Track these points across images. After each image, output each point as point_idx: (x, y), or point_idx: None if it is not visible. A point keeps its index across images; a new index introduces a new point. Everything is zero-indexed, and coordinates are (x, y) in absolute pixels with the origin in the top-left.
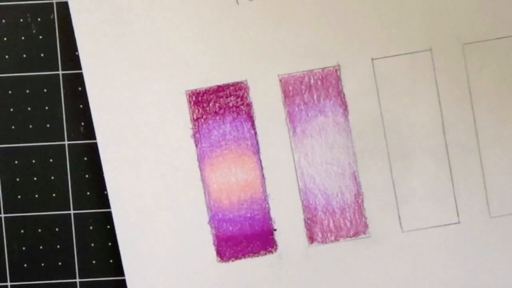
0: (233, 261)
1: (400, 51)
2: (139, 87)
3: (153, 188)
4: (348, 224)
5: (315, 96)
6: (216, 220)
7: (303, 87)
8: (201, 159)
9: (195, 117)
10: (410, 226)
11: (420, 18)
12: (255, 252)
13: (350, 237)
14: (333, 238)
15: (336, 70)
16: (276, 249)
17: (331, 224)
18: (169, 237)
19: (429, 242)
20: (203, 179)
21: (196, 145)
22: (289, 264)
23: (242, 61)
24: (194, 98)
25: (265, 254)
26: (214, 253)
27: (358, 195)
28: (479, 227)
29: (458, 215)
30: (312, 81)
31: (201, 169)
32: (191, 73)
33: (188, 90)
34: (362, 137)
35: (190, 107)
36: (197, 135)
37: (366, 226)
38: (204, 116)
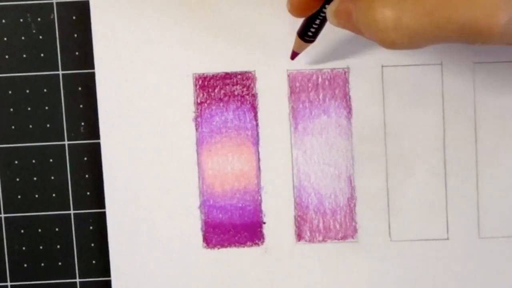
0: (218, 248)
1: (411, 61)
2: (148, 65)
3: (148, 166)
4: (338, 226)
5: (321, 95)
6: (207, 206)
7: (310, 84)
8: (199, 143)
9: (198, 101)
10: (399, 236)
11: None
12: (241, 243)
13: (338, 239)
14: (321, 238)
15: (345, 72)
16: (263, 242)
17: (321, 224)
18: (159, 218)
19: (416, 254)
20: (199, 164)
21: (196, 129)
22: (273, 259)
23: (253, 51)
24: (200, 82)
25: (251, 246)
26: (200, 238)
27: (351, 199)
28: (467, 246)
29: (447, 232)
30: (320, 80)
31: (198, 153)
32: (200, 56)
33: (195, 73)
34: (363, 142)
35: (195, 91)
36: (199, 119)
37: (355, 230)
38: (208, 101)
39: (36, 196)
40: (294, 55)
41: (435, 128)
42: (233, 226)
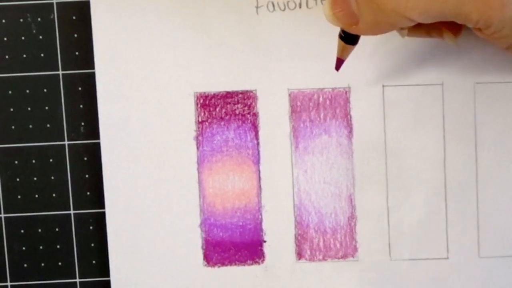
0: (219, 267)
1: (412, 81)
2: (149, 82)
3: (149, 185)
4: (338, 245)
5: (322, 115)
6: (208, 224)
7: (311, 104)
8: (200, 162)
9: (200, 120)
10: (398, 255)
11: (435, 52)
12: (242, 261)
13: (338, 258)
14: (321, 257)
15: (346, 92)
16: (263, 260)
17: (321, 243)
18: (159, 236)
19: (416, 273)
20: (200, 182)
21: (198, 148)
22: (274, 277)
23: (254, 71)
24: (201, 101)
25: (252, 264)
26: (201, 256)
27: (352, 218)
28: (467, 266)
29: (447, 251)
30: (321, 99)
31: (199, 172)
32: (202, 75)
33: (196, 92)
34: (363, 161)
35: (197, 109)
36: (200, 138)
37: (355, 249)
38: (209, 120)
39: (36, 196)
40: (339, 63)
41: (435, 147)
42: (233, 245)
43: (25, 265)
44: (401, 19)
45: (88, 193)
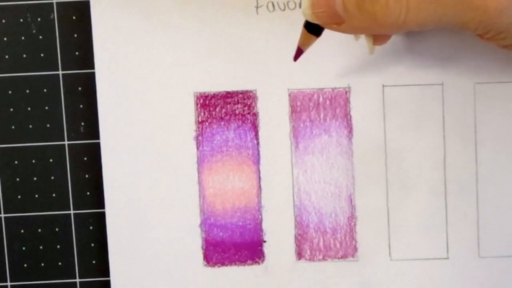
0: (219, 267)
1: (412, 81)
2: (149, 82)
3: (149, 185)
4: (338, 245)
5: (321, 115)
6: (208, 224)
7: (311, 104)
8: (200, 162)
9: (200, 120)
10: (399, 255)
11: (435, 52)
12: (242, 261)
13: (338, 258)
14: (321, 257)
15: (346, 92)
16: (263, 260)
17: (321, 243)
18: (159, 236)
19: (416, 273)
20: (199, 182)
21: (197, 148)
22: (274, 277)
23: (254, 71)
24: (201, 101)
25: (252, 264)
26: (201, 256)
27: (352, 218)
28: (467, 266)
29: (447, 251)
30: (321, 99)
31: (199, 172)
32: (201, 75)
33: (196, 92)
34: (363, 161)
35: (197, 109)
36: (200, 138)
37: (355, 249)
38: (209, 120)
39: (36, 196)
40: (298, 53)
41: (435, 147)
42: (233, 245)
43: (25, 265)
44: (396, 29)
45: (88, 193)
